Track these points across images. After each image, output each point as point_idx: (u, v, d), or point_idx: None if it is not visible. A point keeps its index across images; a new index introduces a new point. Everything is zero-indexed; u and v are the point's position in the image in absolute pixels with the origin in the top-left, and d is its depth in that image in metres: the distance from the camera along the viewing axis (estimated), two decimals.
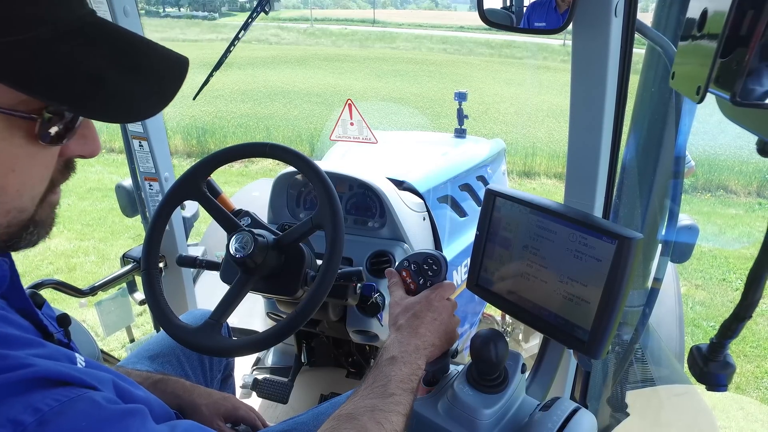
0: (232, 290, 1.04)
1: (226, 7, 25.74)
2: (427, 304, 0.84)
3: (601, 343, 0.75)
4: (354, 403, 0.68)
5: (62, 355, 0.50)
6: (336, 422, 0.65)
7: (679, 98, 1.09)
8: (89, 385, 0.47)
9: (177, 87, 0.51)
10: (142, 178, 1.65)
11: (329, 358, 1.87)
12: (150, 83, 0.49)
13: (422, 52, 16.04)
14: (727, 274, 3.89)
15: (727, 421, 2.44)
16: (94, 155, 0.55)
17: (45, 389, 0.43)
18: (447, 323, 0.83)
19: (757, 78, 0.42)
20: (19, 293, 0.57)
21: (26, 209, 0.51)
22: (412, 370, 0.74)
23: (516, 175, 6.29)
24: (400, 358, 0.74)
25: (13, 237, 0.52)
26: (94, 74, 0.45)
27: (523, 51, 15.34)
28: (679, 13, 1.07)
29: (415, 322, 0.81)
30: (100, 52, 0.45)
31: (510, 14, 1.00)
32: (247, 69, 11.82)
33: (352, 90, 10.24)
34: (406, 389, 0.71)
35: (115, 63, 0.46)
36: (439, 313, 0.83)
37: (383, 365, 0.74)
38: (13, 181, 0.48)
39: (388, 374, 0.72)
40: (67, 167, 0.55)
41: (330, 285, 0.99)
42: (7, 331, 0.46)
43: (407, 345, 0.76)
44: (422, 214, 1.63)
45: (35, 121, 0.46)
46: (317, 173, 1.05)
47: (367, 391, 0.70)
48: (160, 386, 0.96)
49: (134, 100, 0.49)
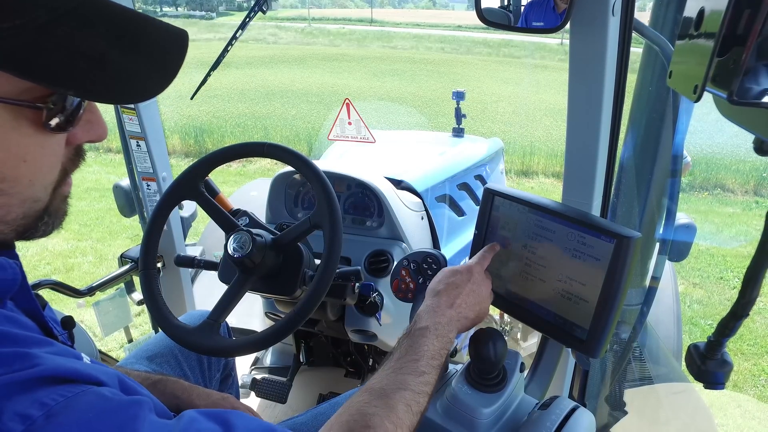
0: (231, 290, 1.04)
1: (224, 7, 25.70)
2: (468, 274, 0.82)
3: (599, 341, 0.75)
4: (386, 376, 0.68)
5: (69, 353, 0.51)
6: (368, 396, 0.65)
7: (677, 97, 1.10)
8: (96, 380, 0.47)
9: (180, 61, 0.51)
10: (140, 178, 1.65)
11: (328, 357, 1.87)
12: (153, 60, 0.49)
13: (420, 52, 16.04)
14: (724, 272, 3.90)
15: (725, 419, 2.44)
16: (102, 139, 0.55)
17: (52, 386, 0.43)
18: (484, 298, 0.82)
19: (754, 77, 0.42)
20: (27, 294, 0.57)
21: (40, 199, 0.52)
22: (443, 343, 0.73)
23: (514, 174, 6.30)
24: (433, 329, 0.73)
25: (28, 228, 0.53)
26: (95, 55, 0.44)
27: (521, 50, 15.35)
28: (677, 12, 1.08)
29: (453, 292, 0.79)
30: (98, 32, 0.44)
31: (507, 13, 1.00)
32: (244, 68, 11.81)
33: (349, 89, 10.23)
34: (435, 366, 0.71)
35: (116, 42, 0.45)
36: (479, 285, 0.82)
37: (416, 335, 0.73)
38: (25, 172, 0.48)
39: (421, 347, 0.71)
40: (77, 155, 0.55)
41: (328, 284, 0.99)
42: (16, 331, 0.47)
43: (441, 316, 0.76)
44: (420, 213, 1.63)
45: (41, 109, 0.46)
46: (315, 173, 1.05)
47: (400, 363, 0.70)
48: (159, 387, 0.96)
49: (139, 78, 0.48)
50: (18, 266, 0.54)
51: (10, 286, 0.51)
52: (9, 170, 0.47)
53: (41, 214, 0.53)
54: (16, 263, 0.53)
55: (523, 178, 6.30)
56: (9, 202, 0.49)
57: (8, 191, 0.48)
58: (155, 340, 1.15)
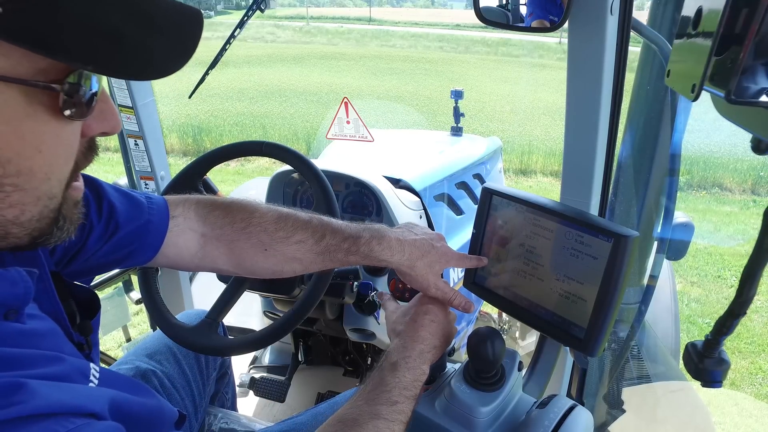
0: (229, 289, 1.04)
1: (222, 5, 25.63)
2: (421, 306, 0.84)
3: (597, 340, 0.75)
4: (358, 407, 0.68)
5: (76, 371, 0.49)
6: (341, 426, 0.65)
7: (675, 96, 1.10)
8: (88, 412, 0.46)
9: (196, 39, 0.49)
10: (138, 177, 1.65)
11: (326, 356, 1.87)
12: (168, 37, 0.47)
13: (418, 51, 16.03)
14: (722, 271, 3.91)
15: (722, 417, 2.45)
16: (116, 131, 0.53)
17: (41, 422, 0.41)
18: (444, 323, 0.84)
19: (752, 76, 0.43)
20: (51, 297, 0.56)
21: (55, 195, 0.49)
22: (415, 375, 0.74)
23: (512, 173, 6.31)
24: (403, 363, 0.74)
25: (43, 232, 0.50)
26: (111, 30, 0.42)
27: (519, 49, 15.36)
28: (675, 11, 1.08)
29: (414, 326, 0.81)
30: (112, 7, 0.42)
31: (506, 12, 1.01)
32: (243, 67, 11.79)
33: (348, 88, 10.22)
34: (409, 396, 0.71)
35: (130, 17, 0.43)
36: (435, 314, 0.83)
37: (386, 370, 0.74)
38: (41, 163, 0.46)
39: (392, 380, 0.72)
40: (90, 149, 0.53)
41: (327, 283, 0.99)
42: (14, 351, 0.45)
43: (411, 350, 0.76)
44: (419, 212, 1.63)
45: (57, 92, 0.44)
46: (313, 172, 1.05)
47: (372, 395, 0.70)
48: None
49: (156, 54, 0.46)
50: (35, 275, 0.52)
51: (21, 301, 0.49)
52: (24, 161, 0.44)
53: (56, 215, 0.50)
54: (31, 272, 0.51)
55: (521, 177, 6.31)
56: (23, 200, 0.46)
57: (23, 186, 0.45)
58: (153, 338, 1.15)
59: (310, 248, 0.83)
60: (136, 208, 0.78)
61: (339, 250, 0.83)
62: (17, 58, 0.41)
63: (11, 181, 0.44)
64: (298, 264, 0.85)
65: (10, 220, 0.46)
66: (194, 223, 0.84)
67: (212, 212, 0.85)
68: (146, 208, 0.79)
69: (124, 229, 0.76)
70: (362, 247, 0.83)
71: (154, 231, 0.80)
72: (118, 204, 0.76)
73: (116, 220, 0.75)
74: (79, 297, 0.65)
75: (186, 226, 0.84)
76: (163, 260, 0.84)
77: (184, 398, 1.08)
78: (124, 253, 0.78)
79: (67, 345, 0.55)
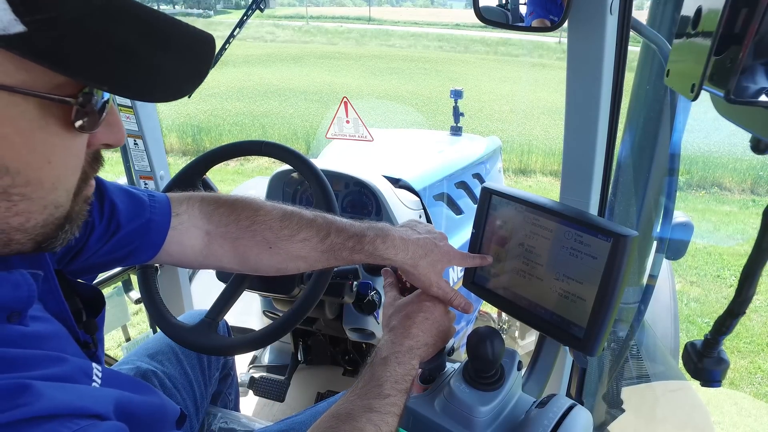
0: (228, 288, 1.04)
1: (221, 5, 25.63)
2: (418, 304, 0.84)
3: (596, 340, 0.75)
4: (351, 402, 0.69)
5: (79, 372, 0.49)
6: (335, 421, 0.65)
7: (674, 96, 1.10)
8: (92, 413, 0.46)
9: (209, 63, 0.50)
10: (138, 176, 1.65)
11: (326, 356, 1.87)
12: (183, 59, 0.48)
13: (418, 50, 16.04)
14: (721, 270, 3.91)
15: (721, 416, 2.46)
16: (120, 144, 0.54)
17: (45, 424, 0.42)
18: (440, 322, 0.83)
19: (751, 75, 0.43)
20: (56, 297, 0.56)
21: (62, 204, 0.50)
22: (405, 370, 0.74)
23: (512, 173, 6.31)
24: (393, 358, 0.75)
25: (48, 237, 0.50)
26: (128, 51, 0.43)
27: (519, 48, 15.36)
28: (674, 11, 1.08)
29: (406, 323, 0.81)
30: (128, 28, 0.43)
31: (505, 12, 1.01)
32: (242, 67, 11.79)
33: (347, 88, 10.23)
34: (400, 390, 0.72)
35: (146, 38, 0.44)
36: (431, 312, 0.83)
37: (376, 365, 0.74)
38: (49, 174, 0.46)
39: (383, 374, 0.72)
40: (96, 159, 0.54)
41: (326, 283, 0.99)
42: (17, 352, 0.45)
43: (400, 345, 0.77)
44: (418, 211, 1.63)
45: (71, 106, 0.45)
46: (313, 171, 1.05)
47: (364, 390, 0.71)
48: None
49: (171, 76, 0.47)
50: (40, 277, 0.52)
51: (24, 304, 0.49)
52: (33, 172, 0.45)
53: (62, 222, 0.50)
54: (36, 274, 0.51)
55: (521, 176, 6.31)
56: (30, 209, 0.46)
57: (30, 195, 0.46)
58: (155, 338, 1.15)
59: (315, 246, 0.83)
60: (137, 206, 0.78)
61: (344, 249, 0.83)
62: (37, 73, 0.41)
63: (19, 190, 0.44)
64: (302, 262, 0.85)
65: (14, 227, 0.46)
66: (199, 221, 0.84)
67: (217, 210, 0.85)
68: (148, 206, 0.79)
69: (125, 228, 0.76)
70: (367, 245, 0.83)
71: (155, 229, 0.80)
72: (119, 203, 0.76)
73: (117, 219, 0.75)
74: (83, 295, 0.65)
75: (190, 224, 0.83)
76: (167, 258, 0.84)
77: (185, 398, 1.08)
78: (125, 252, 0.78)
79: (70, 346, 0.55)
